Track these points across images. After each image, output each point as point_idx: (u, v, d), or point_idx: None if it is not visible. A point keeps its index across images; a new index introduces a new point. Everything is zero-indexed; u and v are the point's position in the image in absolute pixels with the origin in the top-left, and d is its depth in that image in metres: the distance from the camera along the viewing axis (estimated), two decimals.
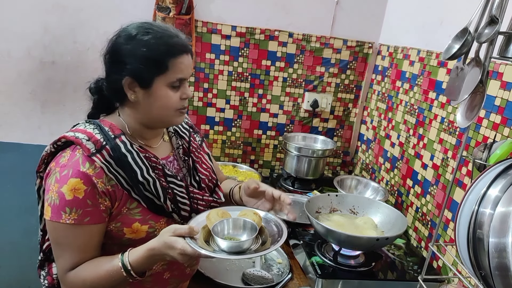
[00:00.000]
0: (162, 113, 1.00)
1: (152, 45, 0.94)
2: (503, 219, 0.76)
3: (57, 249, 0.97)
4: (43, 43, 1.89)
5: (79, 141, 0.94)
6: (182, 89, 1.00)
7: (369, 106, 2.19)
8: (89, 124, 1.00)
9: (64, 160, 0.95)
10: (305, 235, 1.49)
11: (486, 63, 0.87)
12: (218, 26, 1.98)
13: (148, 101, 0.98)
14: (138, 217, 0.99)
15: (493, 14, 0.83)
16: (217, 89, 2.10)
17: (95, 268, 0.95)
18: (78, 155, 0.94)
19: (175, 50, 0.96)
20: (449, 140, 1.49)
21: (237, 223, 1.02)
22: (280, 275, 1.36)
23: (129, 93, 0.97)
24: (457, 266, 1.31)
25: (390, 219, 1.42)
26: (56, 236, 0.95)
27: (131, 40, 0.95)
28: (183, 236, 0.89)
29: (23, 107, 1.97)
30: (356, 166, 2.32)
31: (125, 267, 0.92)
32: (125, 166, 0.95)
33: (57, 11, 1.86)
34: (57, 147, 1.00)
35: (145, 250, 0.92)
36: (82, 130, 0.97)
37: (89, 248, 0.96)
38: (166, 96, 0.98)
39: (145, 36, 0.95)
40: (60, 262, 0.97)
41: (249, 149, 2.24)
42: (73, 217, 0.91)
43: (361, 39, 2.11)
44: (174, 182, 1.05)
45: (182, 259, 0.89)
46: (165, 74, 0.96)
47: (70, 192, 0.91)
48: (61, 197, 0.91)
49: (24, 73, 1.92)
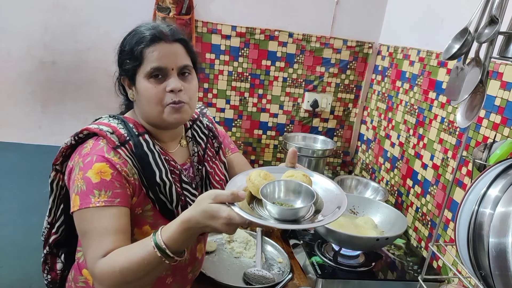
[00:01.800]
0: (150, 108, 0.96)
1: (130, 39, 0.96)
2: (503, 219, 0.77)
3: (85, 239, 0.88)
4: (44, 42, 1.89)
5: (104, 133, 0.92)
6: (167, 81, 0.94)
7: (369, 106, 2.19)
8: (113, 118, 0.99)
9: (86, 150, 0.92)
10: (305, 235, 1.49)
11: (486, 63, 0.87)
12: (218, 26, 1.98)
13: (138, 98, 0.97)
14: (150, 221, 0.97)
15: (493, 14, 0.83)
16: (217, 89, 2.10)
17: (124, 253, 0.84)
18: (102, 144, 0.91)
19: (147, 39, 0.93)
20: (449, 140, 1.49)
21: (290, 186, 0.85)
22: (281, 274, 1.36)
23: (129, 92, 0.98)
24: (457, 266, 1.31)
25: (390, 219, 1.42)
26: (86, 223, 0.87)
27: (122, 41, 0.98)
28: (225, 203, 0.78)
29: (24, 107, 1.97)
30: (356, 166, 2.32)
31: (158, 246, 0.80)
32: (145, 164, 0.93)
33: (58, 10, 1.86)
34: (78, 140, 0.97)
35: (180, 223, 0.81)
36: (106, 124, 0.96)
37: (119, 231, 0.87)
38: (146, 88, 0.94)
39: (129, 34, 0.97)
40: (90, 252, 0.87)
41: (250, 149, 2.24)
42: (103, 199, 0.86)
43: (361, 39, 2.11)
44: (189, 190, 1.03)
45: (227, 229, 0.78)
46: (142, 66, 0.93)
47: (96, 175, 0.87)
48: (88, 182, 0.87)
49: (24, 73, 1.92)
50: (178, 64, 0.95)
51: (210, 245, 1.45)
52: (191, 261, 1.12)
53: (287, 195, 0.85)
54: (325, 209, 0.83)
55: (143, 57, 0.92)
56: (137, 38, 0.94)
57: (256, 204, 0.85)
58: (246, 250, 1.45)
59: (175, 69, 0.95)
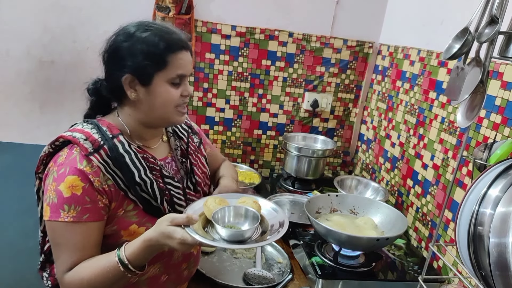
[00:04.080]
0: (163, 110, 0.99)
1: (151, 41, 0.94)
2: (503, 219, 0.76)
3: (56, 250, 0.95)
4: (42, 42, 1.89)
5: (77, 140, 0.94)
6: (182, 86, 1.00)
7: (369, 106, 2.19)
8: (87, 124, 1.00)
9: (61, 159, 0.94)
10: (305, 235, 1.49)
11: (486, 63, 0.87)
12: (218, 25, 1.98)
13: (149, 99, 0.97)
14: (134, 220, 0.98)
15: (493, 14, 0.83)
16: (217, 89, 2.10)
17: (92, 266, 0.92)
18: (75, 153, 0.93)
19: (174, 46, 0.96)
20: (450, 140, 1.49)
21: (238, 211, 0.99)
22: (281, 274, 1.35)
23: (129, 91, 0.97)
24: (457, 267, 1.31)
25: (390, 219, 1.42)
26: (55, 235, 0.93)
27: (131, 37, 0.95)
28: (181, 225, 0.88)
29: (22, 107, 1.97)
30: (356, 166, 2.32)
31: (121, 261, 0.89)
32: (122, 166, 0.95)
33: (56, 10, 1.86)
34: (55, 147, 0.99)
35: (142, 241, 0.89)
36: (79, 130, 0.97)
37: (88, 247, 0.93)
38: (167, 92, 0.97)
39: (144, 33, 0.95)
40: (58, 264, 0.94)
41: (249, 149, 2.24)
42: (71, 214, 0.90)
43: (361, 39, 2.11)
44: (172, 184, 1.05)
45: (182, 248, 0.87)
46: (165, 70, 0.96)
47: (67, 189, 0.90)
48: (59, 195, 0.90)
49: (23, 72, 1.92)
50: (191, 71, 1.03)
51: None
52: (185, 258, 1.13)
53: (236, 219, 0.99)
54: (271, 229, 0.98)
55: (168, 62, 0.95)
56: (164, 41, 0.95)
57: (210, 228, 0.96)
58: (246, 250, 1.45)
59: (188, 76, 1.02)
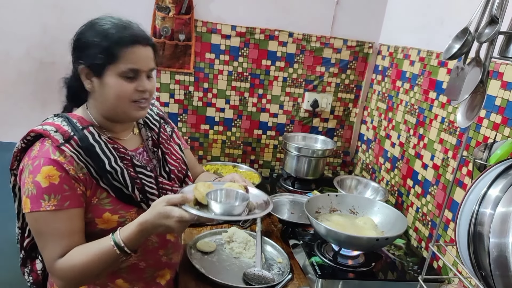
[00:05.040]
0: (117, 103, 1.00)
1: (104, 34, 0.97)
2: (503, 219, 0.76)
3: (41, 240, 0.96)
4: (43, 43, 1.89)
5: (47, 132, 0.96)
6: (138, 81, 1.00)
7: (369, 106, 2.19)
8: (57, 117, 1.03)
9: (34, 152, 0.96)
10: (305, 235, 1.49)
11: (486, 63, 0.87)
12: (218, 25, 1.98)
13: (102, 91, 1.00)
14: (108, 207, 1.00)
15: (493, 14, 0.83)
16: (217, 89, 2.10)
17: (83, 252, 0.95)
18: (47, 145, 0.95)
19: (126, 40, 0.97)
20: (450, 140, 1.49)
21: (230, 193, 1.06)
22: (281, 274, 1.35)
23: (85, 82, 1.00)
24: (457, 267, 1.31)
25: (390, 219, 1.42)
26: (39, 226, 0.95)
27: (88, 30, 1.00)
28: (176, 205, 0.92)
29: (23, 107, 1.97)
30: (356, 166, 2.32)
31: (118, 245, 0.93)
32: (93, 155, 0.97)
33: (57, 12, 1.86)
34: (27, 142, 1.01)
35: (137, 224, 0.93)
36: (49, 123, 1.00)
37: (73, 233, 0.96)
38: (119, 85, 0.98)
39: (101, 26, 0.99)
40: (46, 253, 0.96)
41: (249, 149, 2.24)
42: (52, 203, 0.92)
43: (361, 39, 2.11)
44: (143, 173, 1.07)
45: (179, 226, 0.92)
46: (116, 64, 0.97)
47: (45, 179, 0.91)
48: (38, 186, 0.92)
49: (24, 73, 1.92)
50: (149, 67, 1.03)
51: (210, 245, 1.45)
52: (161, 244, 1.14)
53: (227, 199, 1.06)
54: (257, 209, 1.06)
55: (119, 56, 0.97)
56: (114, 35, 0.97)
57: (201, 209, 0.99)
58: (246, 250, 1.45)
59: (146, 72, 1.02)
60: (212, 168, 2.02)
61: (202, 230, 1.53)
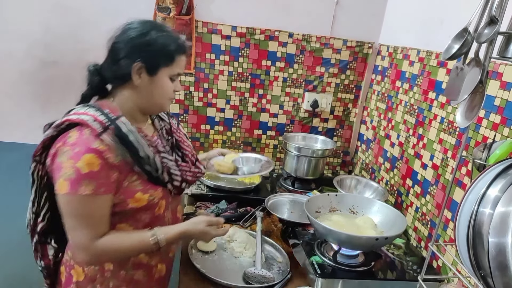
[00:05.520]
0: (159, 100, 1.14)
1: (166, 41, 1.09)
2: (502, 219, 0.77)
3: (74, 221, 1.03)
4: (45, 42, 1.90)
5: (86, 122, 1.02)
6: (176, 83, 1.15)
7: (369, 106, 2.19)
8: (89, 107, 1.08)
9: (72, 139, 1.01)
10: (305, 234, 1.50)
11: (485, 63, 0.87)
12: (218, 26, 1.98)
13: (151, 87, 1.11)
14: (139, 188, 1.10)
15: (492, 14, 0.83)
16: (217, 89, 2.10)
17: (124, 239, 1.09)
18: (86, 134, 1.01)
19: (181, 49, 1.12)
20: (449, 140, 1.49)
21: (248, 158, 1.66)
22: (281, 274, 1.36)
23: (135, 77, 1.08)
24: (456, 266, 1.31)
25: (389, 219, 1.42)
26: (74, 208, 1.01)
27: (146, 34, 1.08)
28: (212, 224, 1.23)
29: (25, 107, 1.97)
30: (356, 166, 2.33)
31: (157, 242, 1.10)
32: (128, 144, 1.05)
33: (58, 11, 1.86)
34: (60, 131, 1.06)
35: (179, 232, 1.14)
36: (84, 113, 1.05)
37: (105, 216, 1.06)
38: (166, 85, 1.12)
39: (160, 32, 1.10)
40: (79, 233, 1.03)
41: (249, 149, 2.24)
42: (90, 188, 0.99)
43: (361, 39, 2.12)
44: (167, 157, 1.18)
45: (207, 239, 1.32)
46: (170, 67, 1.11)
47: (85, 166, 0.98)
48: (78, 171, 0.98)
49: (25, 73, 1.92)
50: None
51: (210, 245, 1.45)
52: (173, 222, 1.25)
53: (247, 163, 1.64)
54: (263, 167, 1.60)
55: (174, 61, 1.11)
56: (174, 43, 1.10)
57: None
58: (246, 250, 1.45)
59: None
60: None
61: None
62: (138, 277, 1.18)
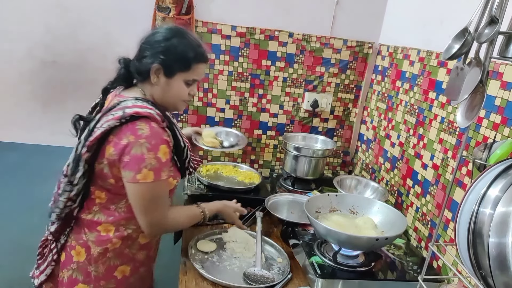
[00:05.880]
0: (173, 100, 1.26)
1: (185, 48, 1.20)
2: (503, 219, 0.77)
3: (153, 204, 1.18)
4: (44, 43, 1.90)
5: (153, 115, 1.14)
6: (192, 87, 1.26)
7: (369, 106, 2.19)
8: (142, 101, 1.19)
9: (145, 132, 1.12)
10: (305, 235, 1.49)
11: (486, 63, 0.87)
12: (218, 26, 1.98)
13: (166, 88, 1.22)
14: (172, 174, 1.25)
15: (493, 14, 0.83)
16: (217, 89, 2.10)
17: (182, 214, 1.31)
18: (156, 127, 1.15)
19: (200, 57, 1.23)
20: (449, 140, 1.49)
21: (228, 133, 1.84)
22: (281, 274, 1.36)
23: (153, 76, 1.20)
24: (457, 266, 1.31)
25: (389, 219, 1.42)
26: (155, 192, 1.17)
27: (169, 40, 1.19)
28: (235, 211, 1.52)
29: (25, 107, 1.97)
30: (356, 166, 2.32)
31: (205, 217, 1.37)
32: (175, 134, 1.23)
33: (58, 11, 1.86)
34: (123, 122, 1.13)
35: (216, 209, 1.43)
36: (145, 107, 1.16)
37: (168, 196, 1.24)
38: (180, 88, 1.23)
39: (182, 40, 1.20)
40: (158, 212, 1.20)
41: (249, 149, 2.24)
42: (167, 174, 1.17)
43: (361, 39, 2.11)
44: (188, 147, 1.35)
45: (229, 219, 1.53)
46: (186, 72, 1.22)
47: (164, 155, 1.14)
48: (159, 161, 1.13)
49: (25, 73, 1.92)
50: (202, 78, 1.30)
51: (210, 245, 1.45)
52: None
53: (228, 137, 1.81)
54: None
55: (191, 68, 1.22)
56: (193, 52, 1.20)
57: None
58: (246, 250, 1.45)
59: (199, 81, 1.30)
60: (213, 168, 2.02)
61: (203, 230, 1.54)
62: (140, 257, 1.31)
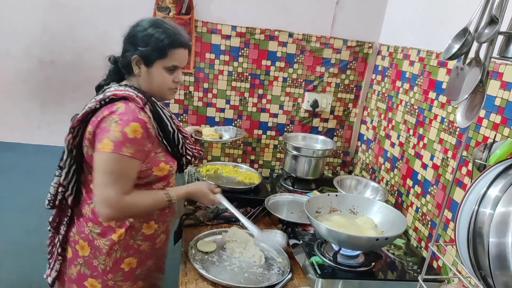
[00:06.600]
0: (157, 89, 1.28)
1: (160, 36, 1.22)
2: (503, 219, 0.77)
3: (107, 177, 1.16)
4: (42, 42, 1.89)
5: (132, 96, 1.18)
6: (175, 74, 1.29)
7: (369, 106, 2.19)
8: (126, 86, 1.23)
9: (121, 109, 1.16)
10: (305, 235, 1.49)
11: (486, 63, 0.87)
12: (218, 26, 1.98)
13: (148, 77, 1.26)
14: (163, 159, 1.28)
15: (493, 14, 0.83)
16: (217, 89, 2.10)
17: (144, 197, 1.26)
18: (133, 106, 1.18)
19: (175, 43, 1.24)
20: (449, 140, 1.49)
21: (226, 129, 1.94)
22: (281, 274, 1.36)
23: (135, 67, 1.24)
24: (457, 266, 1.31)
25: (389, 219, 1.42)
26: (112, 165, 1.15)
27: (145, 30, 1.23)
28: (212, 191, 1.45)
29: (23, 107, 1.97)
30: (356, 166, 2.32)
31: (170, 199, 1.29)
32: (161, 119, 1.25)
33: (56, 10, 1.86)
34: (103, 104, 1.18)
35: (185, 192, 1.38)
36: (127, 90, 1.21)
37: (132, 179, 1.21)
38: (162, 75, 1.26)
39: (156, 29, 1.23)
40: (111, 188, 1.17)
41: (249, 149, 2.24)
42: (130, 151, 1.15)
43: (361, 39, 2.11)
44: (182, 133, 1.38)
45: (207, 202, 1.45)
46: (164, 59, 1.24)
47: (132, 132, 1.14)
48: (124, 135, 1.13)
49: (23, 72, 1.92)
50: (184, 64, 1.32)
51: (210, 245, 1.45)
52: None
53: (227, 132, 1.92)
54: None
55: (167, 54, 1.23)
56: (168, 38, 1.22)
57: None
58: (246, 250, 1.45)
59: (181, 68, 1.31)
60: (213, 168, 2.02)
61: (203, 230, 1.54)
62: (145, 248, 1.34)
